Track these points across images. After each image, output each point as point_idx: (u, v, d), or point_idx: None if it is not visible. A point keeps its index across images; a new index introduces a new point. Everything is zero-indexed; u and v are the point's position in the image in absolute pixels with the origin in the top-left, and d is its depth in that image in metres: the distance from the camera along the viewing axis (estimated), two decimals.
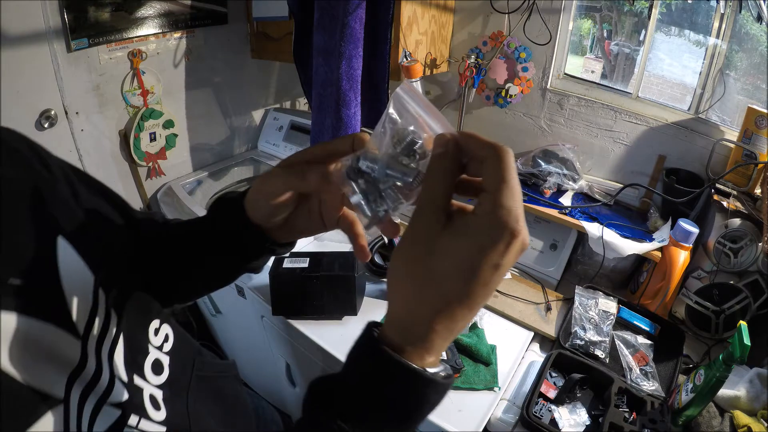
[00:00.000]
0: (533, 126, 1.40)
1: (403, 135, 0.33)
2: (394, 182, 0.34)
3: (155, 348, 0.44)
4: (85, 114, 1.25)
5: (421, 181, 0.32)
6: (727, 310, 0.99)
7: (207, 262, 0.48)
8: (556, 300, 1.11)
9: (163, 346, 0.45)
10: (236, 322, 1.41)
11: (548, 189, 1.27)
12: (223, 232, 0.45)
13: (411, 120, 0.33)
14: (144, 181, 1.46)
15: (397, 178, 0.33)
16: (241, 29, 1.54)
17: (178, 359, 0.46)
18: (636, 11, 1.23)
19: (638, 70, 1.25)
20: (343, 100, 1.10)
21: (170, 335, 0.47)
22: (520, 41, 1.31)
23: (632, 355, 0.94)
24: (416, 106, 0.32)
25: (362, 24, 1.06)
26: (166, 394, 0.42)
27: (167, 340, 0.46)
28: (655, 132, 1.21)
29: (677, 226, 1.02)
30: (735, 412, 0.81)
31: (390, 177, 0.33)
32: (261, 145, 1.74)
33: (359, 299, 1.06)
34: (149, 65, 1.34)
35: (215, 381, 0.54)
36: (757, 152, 1.04)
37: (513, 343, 1.00)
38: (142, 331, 0.43)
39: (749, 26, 1.08)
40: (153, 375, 0.42)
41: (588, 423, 0.82)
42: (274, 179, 0.40)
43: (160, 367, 0.43)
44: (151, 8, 1.29)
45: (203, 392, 0.49)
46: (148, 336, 0.44)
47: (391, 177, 0.33)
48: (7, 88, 1.05)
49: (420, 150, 0.33)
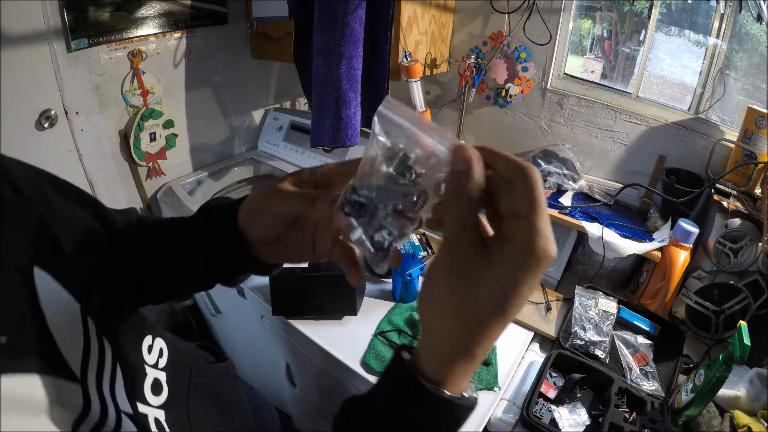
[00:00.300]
0: (533, 126, 1.40)
1: (394, 152, 0.30)
2: (394, 206, 0.31)
3: (151, 367, 0.43)
4: (85, 114, 1.25)
5: (425, 200, 0.31)
6: (727, 310, 0.99)
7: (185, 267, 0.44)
8: (556, 300, 1.11)
9: (158, 363, 0.44)
10: (236, 322, 1.41)
11: (548, 189, 1.27)
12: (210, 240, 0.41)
13: (400, 136, 0.30)
14: (144, 181, 1.46)
15: (398, 201, 0.31)
16: (241, 29, 1.54)
17: (175, 373, 0.46)
18: (636, 11, 1.23)
19: (638, 70, 1.25)
20: (343, 100, 1.10)
21: (164, 349, 0.46)
22: (520, 41, 1.31)
23: (632, 355, 0.94)
24: (403, 120, 0.30)
25: (362, 24, 1.06)
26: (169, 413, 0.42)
27: (162, 355, 0.45)
28: (655, 132, 1.21)
29: (677, 226, 1.02)
30: (735, 412, 0.81)
31: (389, 201, 0.31)
32: (261, 145, 1.74)
33: (359, 299, 1.06)
34: (149, 65, 1.34)
35: (213, 386, 0.53)
36: (757, 152, 1.04)
37: (513, 343, 1.00)
38: (136, 354, 0.42)
39: (749, 26, 1.08)
40: (153, 397, 0.41)
41: (588, 423, 0.82)
42: (282, 198, 0.36)
43: (159, 386, 0.43)
44: (151, 8, 1.29)
45: (202, 398, 0.49)
46: (143, 356, 0.42)
47: (390, 200, 0.31)
48: (7, 88, 1.05)
49: (415, 165, 0.30)
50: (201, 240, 0.42)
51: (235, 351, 1.60)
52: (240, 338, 1.50)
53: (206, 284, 0.46)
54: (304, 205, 0.35)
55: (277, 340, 1.16)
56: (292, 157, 1.63)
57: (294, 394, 1.29)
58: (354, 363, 0.94)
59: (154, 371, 0.43)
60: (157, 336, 0.46)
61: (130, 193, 1.44)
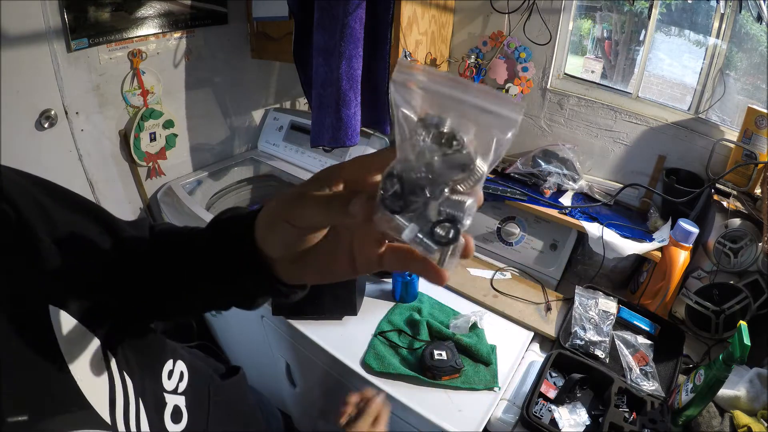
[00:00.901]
0: (533, 126, 1.40)
1: (426, 122, 0.25)
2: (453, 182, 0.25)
3: (170, 393, 0.43)
4: (85, 114, 1.25)
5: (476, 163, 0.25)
6: (727, 310, 0.99)
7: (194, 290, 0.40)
8: (556, 300, 1.11)
9: (178, 387, 0.44)
10: (236, 322, 1.41)
11: (548, 189, 1.27)
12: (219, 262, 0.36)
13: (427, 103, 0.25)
14: (144, 181, 1.46)
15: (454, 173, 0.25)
16: (241, 29, 1.54)
17: (194, 396, 0.46)
18: (636, 11, 1.23)
19: (638, 70, 1.25)
20: (343, 100, 1.10)
21: (184, 372, 0.46)
22: (520, 41, 1.31)
23: (632, 355, 0.94)
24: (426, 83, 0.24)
25: (362, 24, 1.06)
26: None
27: (182, 379, 0.45)
28: (655, 132, 1.21)
29: (677, 226, 1.02)
30: (735, 412, 0.81)
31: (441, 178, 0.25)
32: (261, 145, 1.74)
33: (359, 299, 1.06)
34: (149, 65, 1.34)
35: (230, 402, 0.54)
36: (757, 152, 1.04)
37: (513, 343, 1.00)
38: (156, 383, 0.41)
39: (749, 26, 1.08)
40: (173, 425, 0.41)
41: (588, 423, 0.82)
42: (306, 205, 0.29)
43: (179, 414, 0.43)
44: (151, 8, 1.29)
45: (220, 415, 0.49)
46: (163, 384, 0.42)
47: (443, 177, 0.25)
48: (7, 88, 1.05)
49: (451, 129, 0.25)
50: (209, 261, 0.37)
51: (235, 351, 1.60)
52: (240, 338, 1.50)
53: (221, 306, 0.41)
54: (334, 211, 0.27)
55: (277, 340, 1.16)
56: (292, 157, 1.63)
57: (294, 394, 1.29)
58: (354, 363, 0.94)
59: (173, 398, 0.43)
60: (177, 359, 0.46)
61: (130, 193, 1.44)
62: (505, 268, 1.23)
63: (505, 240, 1.26)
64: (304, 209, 0.29)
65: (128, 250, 0.40)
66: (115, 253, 0.39)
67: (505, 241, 1.26)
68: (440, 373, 0.89)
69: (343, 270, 0.32)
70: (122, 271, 0.39)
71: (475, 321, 1.01)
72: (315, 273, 0.33)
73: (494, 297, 1.12)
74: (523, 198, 1.25)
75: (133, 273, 0.40)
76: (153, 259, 0.41)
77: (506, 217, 1.28)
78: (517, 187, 1.28)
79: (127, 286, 0.39)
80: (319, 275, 0.34)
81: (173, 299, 0.42)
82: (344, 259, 0.32)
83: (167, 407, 0.41)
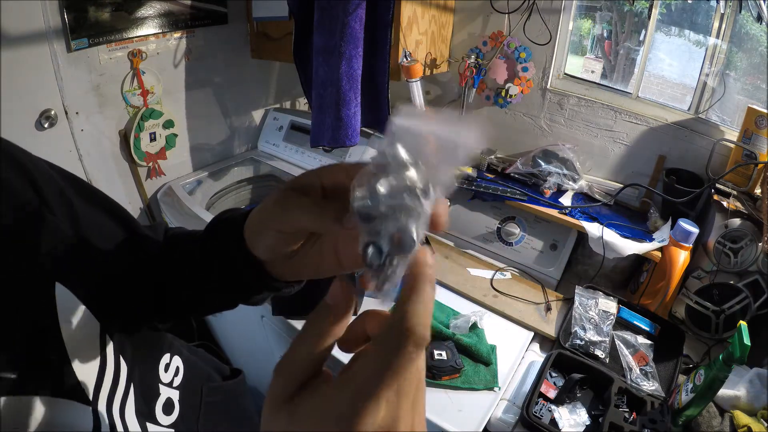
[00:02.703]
0: (533, 126, 1.40)
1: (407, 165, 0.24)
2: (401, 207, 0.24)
3: (165, 385, 0.43)
4: (85, 114, 1.25)
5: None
6: (727, 310, 0.99)
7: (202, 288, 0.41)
8: (556, 300, 1.11)
9: (173, 381, 0.45)
10: (236, 322, 1.41)
11: (548, 189, 1.27)
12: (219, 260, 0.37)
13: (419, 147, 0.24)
14: (144, 181, 1.46)
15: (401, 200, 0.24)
16: (241, 29, 1.54)
17: (188, 391, 0.46)
18: (636, 11, 1.23)
19: (638, 70, 1.25)
20: (343, 100, 1.10)
21: (180, 367, 0.46)
22: (520, 41, 1.31)
23: (632, 355, 0.94)
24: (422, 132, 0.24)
25: (362, 24, 1.06)
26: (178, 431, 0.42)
27: (178, 374, 0.46)
28: (655, 132, 1.21)
29: (677, 226, 1.02)
30: (735, 412, 0.81)
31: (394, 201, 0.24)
32: (261, 145, 1.74)
33: (359, 299, 1.06)
34: (149, 65, 1.34)
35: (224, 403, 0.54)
36: (757, 152, 1.04)
37: (513, 343, 1.00)
38: (152, 373, 0.42)
39: (749, 26, 1.08)
40: (164, 416, 0.41)
41: (588, 423, 0.82)
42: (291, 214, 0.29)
43: (171, 406, 0.43)
44: (151, 8, 1.29)
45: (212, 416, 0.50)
46: (159, 375, 0.42)
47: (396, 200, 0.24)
48: (7, 88, 1.05)
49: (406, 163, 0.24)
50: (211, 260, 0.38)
51: (235, 351, 1.60)
52: (240, 338, 1.50)
53: (227, 304, 0.42)
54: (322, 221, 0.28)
55: (277, 340, 1.16)
56: (292, 157, 1.63)
57: None
58: None
59: (168, 390, 0.43)
60: (174, 354, 0.46)
61: (130, 193, 1.44)
62: (505, 268, 1.23)
63: (505, 240, 1.26)
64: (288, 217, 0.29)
65: (142, 249, 0.42)
66: (128, 249, 0.41)
67: (505, 241, 1.26)
68: (440, 373, 0.89)
69: (330, 267, 0.34)
70: (134, 268, 0.41)
71: (475, 321, 1.01)
72: (306, 270, 0.35)
73: (494, 297, 1.12)
74: (523, 198, 1.25)
75: (144, 272, 0.41)
76: (162, 261, 0.43)
77: (506, 217, 1.28)
78: (517, 187, 1.29)
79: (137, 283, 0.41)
80: (312, 272, 0.35)
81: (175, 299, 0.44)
82: (331, 257, 0.33)
83: (160, 398, 0.42)
